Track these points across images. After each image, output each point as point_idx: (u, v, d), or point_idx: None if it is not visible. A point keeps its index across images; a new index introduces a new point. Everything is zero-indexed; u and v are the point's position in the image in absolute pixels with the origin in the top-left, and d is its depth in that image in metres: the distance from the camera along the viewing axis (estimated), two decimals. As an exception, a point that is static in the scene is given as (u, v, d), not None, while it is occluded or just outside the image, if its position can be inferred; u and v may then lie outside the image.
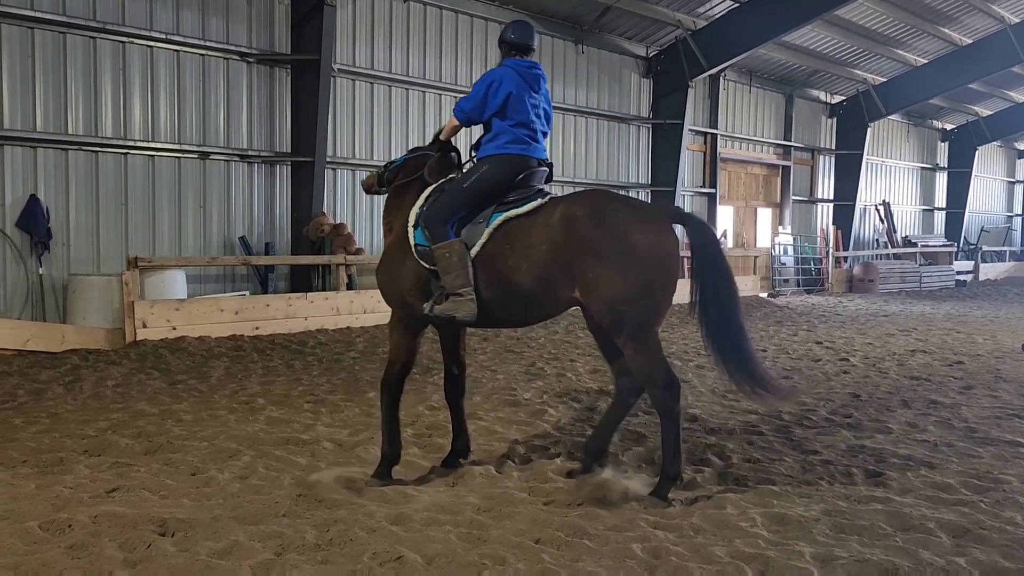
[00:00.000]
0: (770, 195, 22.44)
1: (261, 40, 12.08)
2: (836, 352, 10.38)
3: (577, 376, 8.38)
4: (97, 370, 8.10)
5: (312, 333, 10.76)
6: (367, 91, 13.37)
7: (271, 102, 12.26)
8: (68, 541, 3.75)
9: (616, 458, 5.27)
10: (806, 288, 20.86)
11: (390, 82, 13.63)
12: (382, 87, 13.58)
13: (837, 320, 14.51)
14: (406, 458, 5.21)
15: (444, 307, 4.63)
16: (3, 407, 6.50)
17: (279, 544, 3.76)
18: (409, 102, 13.96)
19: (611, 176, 17.63)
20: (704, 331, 4.67)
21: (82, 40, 10.41)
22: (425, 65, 14.13)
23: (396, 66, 13.71)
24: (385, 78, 13.52)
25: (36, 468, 4.91)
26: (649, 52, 18.11)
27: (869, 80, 22.79)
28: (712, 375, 8.53)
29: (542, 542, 3.84)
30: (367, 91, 13.37)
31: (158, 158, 11.19)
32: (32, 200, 10.03)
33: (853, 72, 22.30)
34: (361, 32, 13.19)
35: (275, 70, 12.27)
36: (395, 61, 13.70)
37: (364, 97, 13.33)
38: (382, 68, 13.49)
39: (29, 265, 10.13)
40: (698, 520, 4.17)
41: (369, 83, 13.38)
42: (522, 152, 4.90)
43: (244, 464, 5.04)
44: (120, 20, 10.66)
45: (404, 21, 13.80)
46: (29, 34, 9.99)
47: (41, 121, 10.16)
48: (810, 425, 6.34)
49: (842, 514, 4.26)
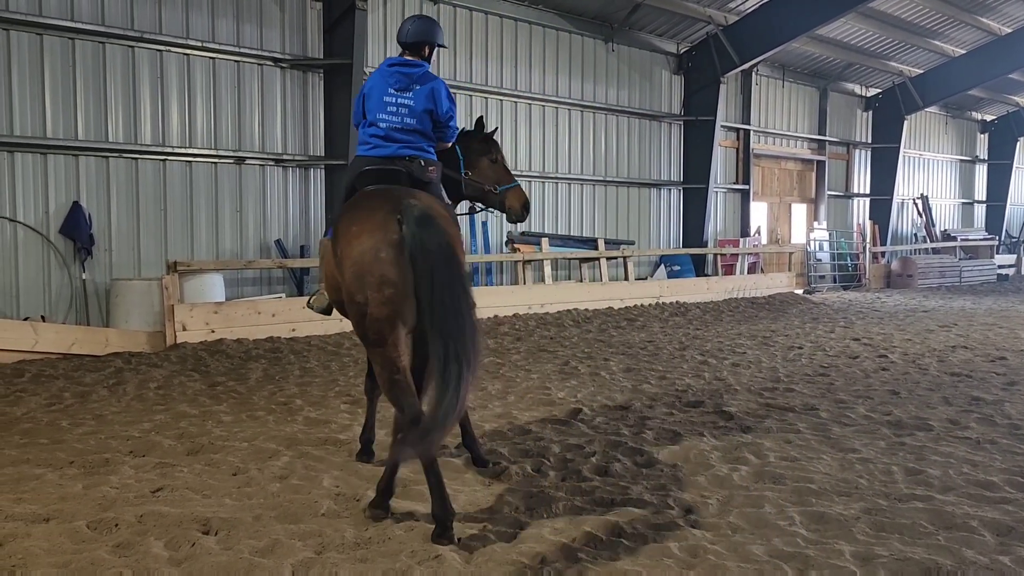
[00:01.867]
0: (805, 190, 22.18)
1: (294, 45, 12.24)
2: (874, 349, 10.23)
3: (611, 375, 8.37)
4: (139, 372, 8.28)
5: (347, 334, 10.87)
6: (398, 94, 13.44)
7: (304, 106, 12.41)
8: (115, 540, 3.84)
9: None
10: (843, 284, 20.58)
11: (421, 84, 13.69)
12: (413, 89, 13.64)
13: (875, 316, 14.30)
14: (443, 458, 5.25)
15: (312, 299, 5.12)
16: (50, 409, 6.67)
17: (319, 542, 3.82)
18: (440, 104, 14.01)
19: (643, 174, 17.55)
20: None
21: (121, 49, 10.64)
22: (456, 67, 14.20)
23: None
24: (416, 80, 13.58)
25: (83, 469, 5.03)
26: (680, 48, 18.00)
27: (905, 72, 22.40)
28: (748, 373, 8.47)
29: (579, 540, 3.85)
30: (398, 94, 13.44)
31: (195, 164, 11.39)
32: (75, 207, 10.28)
33: (889, 64, 21.94)
34: (393, 35, 13.29)
35: (308, 75, 12.41)
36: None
37: (395, 100, 13.41)
38: (413, 70, 13.55)
39: (73, 270, 10.37)
40: (735, 519, 4.15)
41: (400, 86, 13.45)
42: (363, 153, 4.82)
43: (283, 464, 5.12)
44: (157, 29, 10.87)
45: (434, 23, 13.86)
46: (70, 45, 10.24)
47: (83, 130, 10.40)
48: (848, 423, 6.27)
49: (882, 512, 4.21)
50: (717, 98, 17.65)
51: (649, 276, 17.20)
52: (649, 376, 8.30)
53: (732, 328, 12.40)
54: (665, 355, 9.71)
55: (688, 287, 16.31)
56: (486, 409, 6.74)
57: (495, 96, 14.75)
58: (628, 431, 5.98)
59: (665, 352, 9.94)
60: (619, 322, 12.91)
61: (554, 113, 15.85)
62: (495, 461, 5.19)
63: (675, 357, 9.56)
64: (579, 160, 16.39)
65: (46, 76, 10.08)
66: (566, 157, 16.15)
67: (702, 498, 4.51)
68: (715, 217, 18.86)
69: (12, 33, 9.80)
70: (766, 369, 8.75)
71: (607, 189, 16.95)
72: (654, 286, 15.90)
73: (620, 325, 12.60)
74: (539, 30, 15.51)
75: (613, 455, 5.34)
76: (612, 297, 14.83)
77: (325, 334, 10.76)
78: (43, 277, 10.21)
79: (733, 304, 15.78)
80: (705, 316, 14.00)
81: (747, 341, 10.92)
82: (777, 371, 8.62)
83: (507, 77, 15.00)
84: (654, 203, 17.91)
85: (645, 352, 9.94)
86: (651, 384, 7.89)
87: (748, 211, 19.75)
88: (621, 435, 5.86)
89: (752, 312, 14.81)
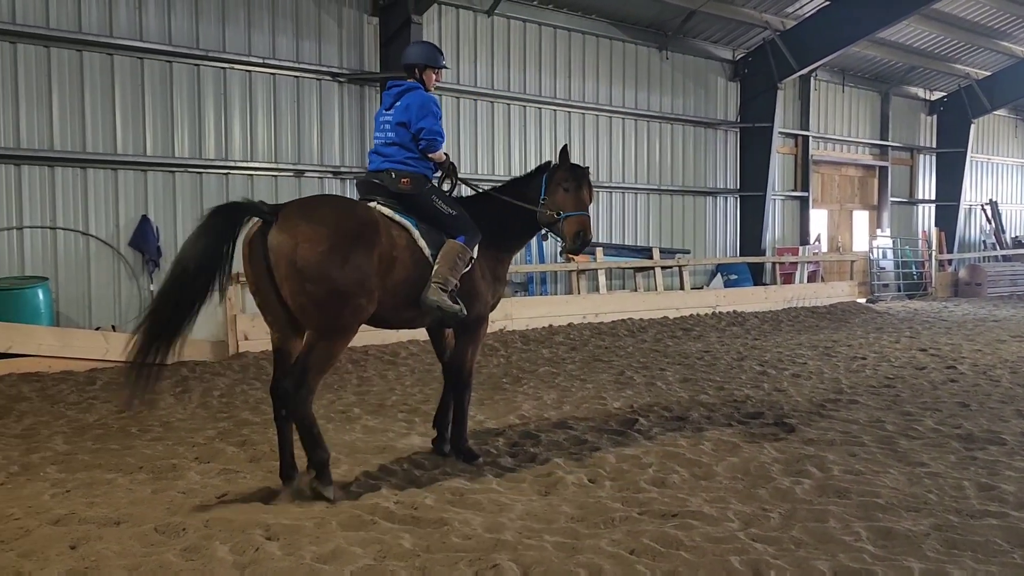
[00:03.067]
0: (866, 197, 21.66)
1: (352, 60, 12.47)
2: (942, 359, 9.92)
3: (667, 385, 8.28)
4: (204, 381, 8.50)
5: (404, 344, 10.99)
6: (453, 105, 13.60)
7: (362, 120, 12.62)
8: (182, 544, 3.95)
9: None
10: (907, 293, 20.01)
11: (475, 96, 13.84)
12: (468, 101, 13.79)
13: (942, 326, 13.86)
14: (499, 467, 5.27)
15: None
16: (120, 416, 6.89)
17: (378, 550, 3.86)
18: (494, 116, 14.15)
19: (698, 182, 17.37)
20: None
21: (187, 68, 10.99)
22: (510, 78, 14.28)
23: (481, 80, 13.91)
24: (470, 92, 13.73)
25: (151, 474, 5.19)
26: (736, 55, 17.80)
27: (972, 75, 21.75)
28: (809, 384, 8.29)
29: (637, 552, 3.82)
30: (453, 105, 13.60)
31: (257, 177, 11.68)
32: (143, 220, 10.64)
33: (954, 67, 21.32)
34: (447, 48, 13.44)
35: (365, 88, 12.63)
36: (480, 75, 13.90)
37: (450, 111, 13.56)
38: (467, 82, 13.71)
39: (141, 282, 10.72)
40: (799, 533, 4.06)
41: (455, 98, 13.61)
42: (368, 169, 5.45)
43: (343, 472, 5.19)
44: (221, 47, 11.20)
45: (488, 35, 14.01)
46: (139, 64, 10.61)
47: (151, 146, 10.76)
48: (916, 436, 6.08)
49: (954, 529, 4.08)
50: (775, 104, 17.39)
51: (705, 285, 16.98)
52: (707, 387, 8.19)
53: (792, 338, 12.16)
54: (723, 365, 9.57)
55: (746, 296, 16.05)
56: (542, 419, 6.74)
57: (548, 107, 14.79)
58: (686, 442, 5.91)
59: (723, 362, 9.79)
60: (675, 332, 12.78)
61: (608, 122, 15.80)
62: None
63: (733, 367, 9.41)
64: (633, 169, 16.31)
65: (116, 95, 10.47)
66: (620, 166, 16.08)
67: (763, 511, 4.42)
68: (773, 225, 18.56)
69: (85, 54, 10.21)
70: (828, 380, 8.55)
71: (662, 198, 16.81)
72: (710, 295, 15.70)
73: (676, 335, 12.46)
74: (592, 40, 15.50)
75: (671, 466, 5.28)
76: (667, 306, 14.69)
77: (382, 344, 10.89)
78: (113, 288, 10.57)
79: (792, 313, 15.47)
80: (763, 326, 13.75)
81: (808, 351, 10.69)
82: (840, 382, 8.42)
83: (560, 87, 15.03)
84: (710, 211, 17.70)
85: (702, 362, 9.81)
86: (709, 395, 7.78)
87: (807, 218, 19.39)
88: (679, 446, 5.79)
89: (812, 322, 14.50)
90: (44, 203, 10.05)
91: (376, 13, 12.56)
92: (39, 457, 5.54)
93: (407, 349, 10.62)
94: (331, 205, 4.88)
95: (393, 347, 10.73)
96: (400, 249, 4.95)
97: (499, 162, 14.15)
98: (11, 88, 9.77)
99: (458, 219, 5.23)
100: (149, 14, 10.64)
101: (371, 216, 4.85)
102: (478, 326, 5.51)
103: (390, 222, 5.01)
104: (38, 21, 9.87)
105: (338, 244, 4.53)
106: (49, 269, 10.06)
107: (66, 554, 3.81)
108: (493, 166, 14.06)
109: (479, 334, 5.55)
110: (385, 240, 4.82)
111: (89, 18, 10.20)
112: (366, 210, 4.91)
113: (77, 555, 3.80)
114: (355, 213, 4.78)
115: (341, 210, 4.79)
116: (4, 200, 9.79)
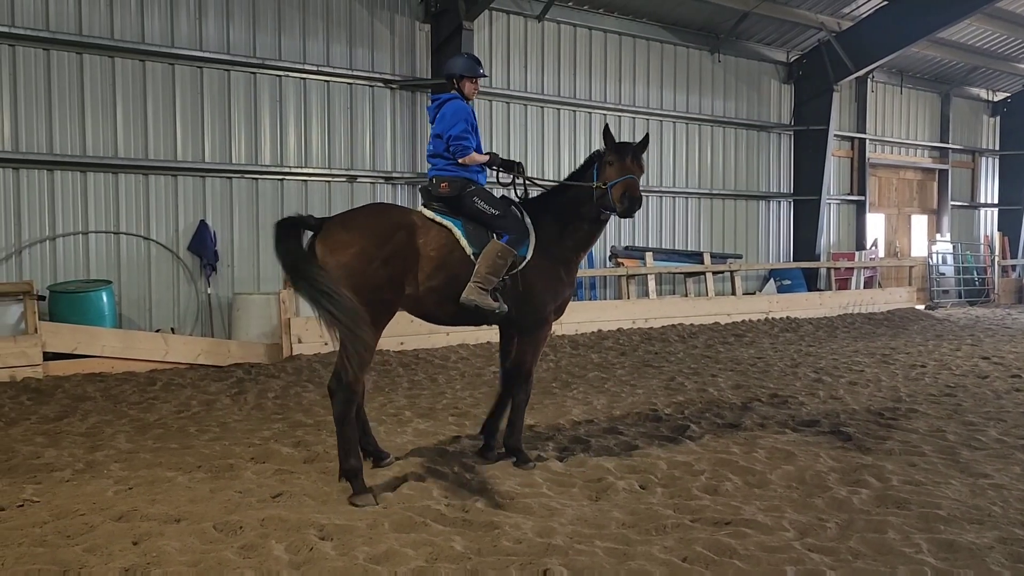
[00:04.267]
0: (925, 201, 21.10)
1: (404, 66, 12.62)
2: (1006, 368, 9.60)
3: (719, 391, 8.18)
4: (259, 383, 8.67)
5: (454, 348, 11.06)
6: (503, 111, 13.66)
7: (413, 126, 12.76)
8: (240, 542, 4.04)
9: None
10: (969, 299, 19.42)
11: (526, 101, 13.87)
12: (518, 106, 13.83)
13: (1006, 333, 13.42)
14: (549, 471, 5.27)
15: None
16: (180, 416, 7.07)
17: (430, 552, 3.89)
18: (544, 120, 14.16)
19: (750, 186, 17.13)
20: None
21: (244, 76, 11.25)
22: (560, 83, 14.29)
23: (531, 85, 13.94)
24: (521, 97, 13.77)
25: (210, 473, 5.31)
26: (790, 57, 17.52)
27: (1037, 74, 21.05)
28: (866, 392, 8.11)
29: (690, 560, 3.78)
30: (503, 111, 13.66)
31: (311, 182, 11.89)
32: (201, 225, 10.91)
33: (1018, 67, 20.65)
34: (498, 53, 13.52)
35: (416, 94, 12.76)
36: (530, 80, 13.93)
37: (500, 117, 13.62)
38: (518, 87, 13.75)
39: (199, 285, 10.99)
40: (856, 544, 3.98)
41: (505, 103, 13.66)
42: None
43: (395, 474, 5.25)
44: (277, 56, 11.44)
45: (539, 40, 14.04)
46: (198, 73, 10.90)
47: (209, 152, 11.04)
48: (979, 446, 5.90)
49: (1019, 542, 3.95)
50: (830, 106, 17.07)
51: (758, 291, 16.73)
52: (760, 393, 8.07)
53: (848, 345, 11.90)
54: (776, 372, 9.41)
55: (799, 302, 15.76)
56: (592, 424, 6.72)
57: (599, 111, 14.75)
58: (738, 449, 5.83)
59: (776, 369, 9.63)
60: (726, 338, 12.61)
61: (659, 126, 15.69)
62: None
63: (787, 374, 9.26)
64: (684, 173, 16.16)
65: (176, 103, 10.77)
66: (671, 170, 15.95)
67: (819, 521, 4.34)
68: (828, 229, 18.20)
69: (148, 64, 10.52)
70: (886, 388, 8.35)
71: (713, 202, 16.62)
72: (763, 301, 15.45)
73: (727, 341, 12.30)
74: (643, 43, 15.42)
75: (723, 473, 5.21)
76: (719, 312, 14.51)
77: (432, 348, 10.98)
78: (173, 291, 10.86)
79: (848, 320, 15.14)
80: (818, 332, 13.49)
81: (865, 359, 10.45)
82: (898, 390, 8.21)
83: (611, 92, 14.97)
84: (762, 216, 17.44)
85: (755, 369, 9.66)
86: (762, 402, 7.66)
87: (864, 223, 18.95)
88: (731, 453, 5.71)
89: (869, 328, 14.17)
90: (108, 209, 10.39)
91: (428, 20, 12.69)
92: (103, 455, 5.72)
93: (457, 353, 10.68)
94: (366, 213, 5.28)
95: (443, 351, 10.81)
96: (438, 248, 5.19)
97: (548, 167, 14.15)
98: (77, 98, 10.12)
99: (502, 219, 5.34)
100: (209, 24, 10.93)
101: (407, 219, 5.20)
102: (537, 328, 5.54)
103: (431, 223, 5.28)
104: (103, 33, 10.21)
105: (366, 247, 4.92)
106: (112, 273, 10.38)
107: (129, 550, 3.92)
108: (543, 171, 14.07)
109: (539, 336, 5.57)
110: (421, 240, 5.13)
111: (152, 29, 10.52)
112: (403, 214, 5.28)
113: (139, 551, 3.91)
114: (388, 217, 5.17)
115: (375, 216, 5.19)
116: (71, 206, 10.15)
